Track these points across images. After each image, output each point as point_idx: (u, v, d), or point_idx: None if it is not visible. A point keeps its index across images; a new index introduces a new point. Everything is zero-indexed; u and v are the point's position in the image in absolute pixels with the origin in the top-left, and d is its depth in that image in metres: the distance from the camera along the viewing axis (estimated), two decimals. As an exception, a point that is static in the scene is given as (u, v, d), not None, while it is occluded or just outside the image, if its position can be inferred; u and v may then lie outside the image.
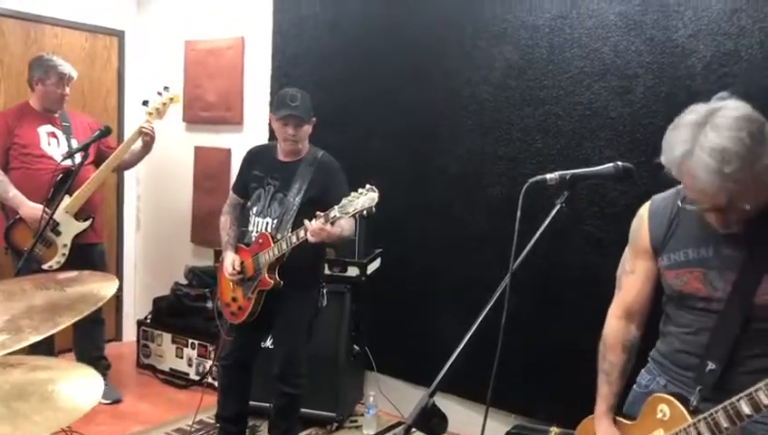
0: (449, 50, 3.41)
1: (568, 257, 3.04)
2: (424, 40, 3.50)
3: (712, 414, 1.60)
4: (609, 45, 2.94)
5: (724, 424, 1.57)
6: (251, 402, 3.14)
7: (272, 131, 4.09)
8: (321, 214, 2.60)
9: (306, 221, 2.64)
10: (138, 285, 4.97)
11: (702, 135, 1.50)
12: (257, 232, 2.92)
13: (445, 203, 3.48)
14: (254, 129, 4.28)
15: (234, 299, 2.98)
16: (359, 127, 3.72)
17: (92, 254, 3.70)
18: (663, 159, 1.58)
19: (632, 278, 1.87)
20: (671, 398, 1.72)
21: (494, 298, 1.55)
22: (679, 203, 1.69)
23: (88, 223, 3.57)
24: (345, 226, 2.74)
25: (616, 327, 1.90)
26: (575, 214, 2.97)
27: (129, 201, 4.91)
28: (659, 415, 1.73)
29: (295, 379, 2.96)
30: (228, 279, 2.97)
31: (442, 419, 1.41)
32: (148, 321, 4.31)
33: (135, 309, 4.86)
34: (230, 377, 3.07)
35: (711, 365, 1.67)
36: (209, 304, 4.08)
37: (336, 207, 2.57)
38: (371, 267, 3.61)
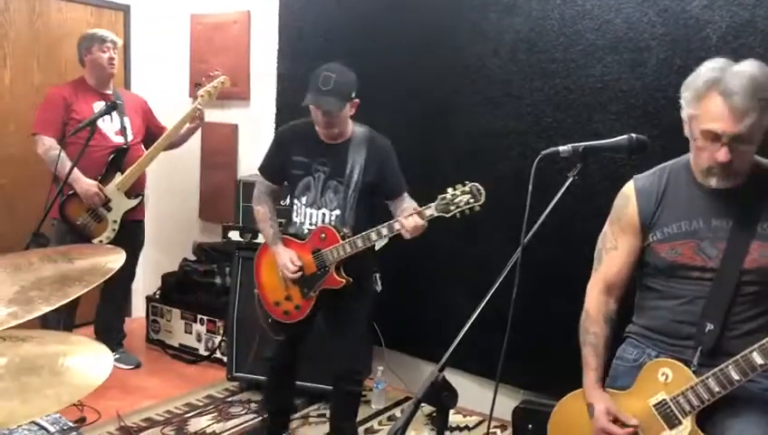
0: (457, 22, 3.36)
1: (578, 233, 3.01)
2: (432, 13, 3.44)
3: (722, 369, 1.67)
4: (621, 17, 2.88)
5: (736, 377, 1.65)
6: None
7: (280, 106, 4.08)
8: (415, 210, 2.46)
9: (401, 219, 2.47)
10: (146, 260, 4.96)
11: (731, 68, 1.66)
12: (311, 224, 2.69)
13: (454, 179, 3.43)
14: (261, 104, 4.24)
15: (287, 298, 2.75)
16: (366, 102, 3.65)
17: (137, 230, 3.86)
18: (685, 92, 1.73)
19: (614, 254, 1.95)
20: (674, 361, 1.78)
21: (504, 273, 1.54)
22: (690, 154, 1.79)
23: (138, 200, 3.72)
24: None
25: (597, 301, 1.99)
26: (586, 189, 2.94)
27: (136, 177, 4.90)
28: (662, 378, 1.79)
29: (357, 376, 2.87)
30: (284, 277, 2.72)
31: (452, 393, 1.41)
32: (157, 297, 4.33)
33: (144, 285, 4.88)
34: (279, 377, 2.97)
35: (709, 326, 1.75)
36: (218, 280, 4.09)
37: (433, 205, 2.42)
38: (380, 243, 3.58)
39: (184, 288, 4.21)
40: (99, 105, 3.61)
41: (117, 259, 1.46)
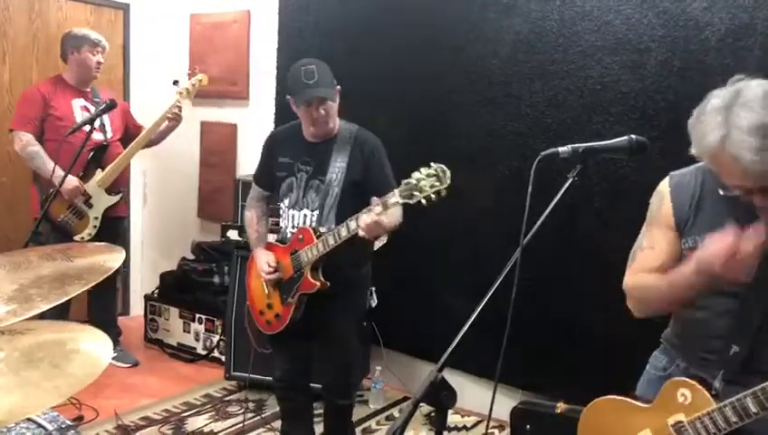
0: (457, 23, 3.36)
1: (577, 234, 3.02)
2: (431, 13, 3.44)
3: (740, 399, 1.58)
4: (621, 18, 2.89)
5: (753, 409, 1.56)
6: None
7: (280, 106, 4.08)
8: (378, 201, 2.21)
9: (362, 215, 2.26)
10: (145, 259, 4.98)
11: (734, 117, 1.48)
12: (293, 227, 2.55)
13: (453, 179, 3.44)
14: (261, 103, 4.24)
15: (269, 306, 2.62)
16: (365, 102, 3.67)
17: (119, 227, 3.85)
18: (694, 150, 1.56)
19: (649, 253, 1.80)
20: (693, 382, 1.69)
21: (504, 273, 1.54)
22: (720, 191, 1.62)
23: (118, 197, 3.72)
24: (393, 215, 2.35)
25: (635, 277, 1.81)
26: (585, 190, 2.95)
27: (135, 176, 4.89)
28: (681, 399, 1.70)
29: (348, 389, 2.71)
30: (262, 281, 2.62)
31: (451, 393, 1.41)
32: (156, 296, 4.33)
33: (142, 284, 4.88)
34: (291, 399, 2.77)
35: (735, 348, 1.65)
36: (216, 280, 4.09)
37: (396, 191, 2.18)
38: (378, 243, 3.59)
39: (182, 287, 4.21)
40: (78, 102, 3.65)
41: (116, 258, 1.46)
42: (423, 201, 2.15)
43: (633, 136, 1.66)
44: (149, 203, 4.97)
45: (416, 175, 2.14)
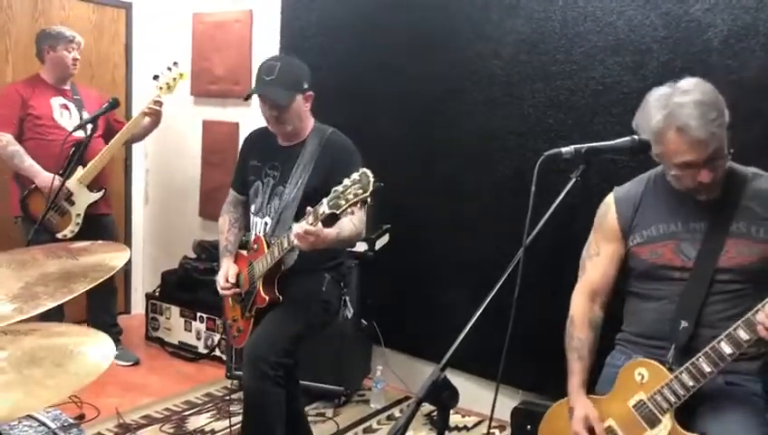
0: (460, 23, 3.36)
1: (577, 234, 3.02)
2: (434, 13, 3.45)
3: (694, 363, 1.70)
4: (623, 19, 2.89)
5: (707, 369, 1.68)
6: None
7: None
8: (310, 210, 2.04)
9: (294, 223, 2.10)
10: (146, 258, 4.98)
11: (675, 99, 1.69)
12: (256, 235, 2.44)
13: (454, 179, 3.46)
14: (263, 103, 4.25)
15: (234, 319, 2.53)
16: (367, 101, 3.69)
17: (103, 224, 3.81)
18: (642, 135, 1.74)
19: (597, 260, 2.01)
20: (648, 360, 1.82)
21: (507, 273, 1.55)
22: (668, 178, 1.81)
23: (100, 194, 3.69)
24: (345, 226, 2.19)
25: (582, 306, 2.04)
26: (583, 190, 2.94)
27: (137, 175, 4.91)
28: (638, 379, 1.82)
29: (261, 364, 2.27)
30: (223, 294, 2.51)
31: (453, 392, 1.41)
32: (157, 294, 4.33)
33: (143, 282, 4.89)
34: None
35: (684, 323, 1.79)
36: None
37: (324, 200, 1.99)
38: (380, 243, 3.61)
39: (184, 286, 4.22)
40: (56, 101, 3.64)
41: (121, 256, 1.46)
42: (348, 210, 1.99)
43: (636, 136, 1.69)
44: (151, 202, 4.98)
45: (345, 182, 1.96)
